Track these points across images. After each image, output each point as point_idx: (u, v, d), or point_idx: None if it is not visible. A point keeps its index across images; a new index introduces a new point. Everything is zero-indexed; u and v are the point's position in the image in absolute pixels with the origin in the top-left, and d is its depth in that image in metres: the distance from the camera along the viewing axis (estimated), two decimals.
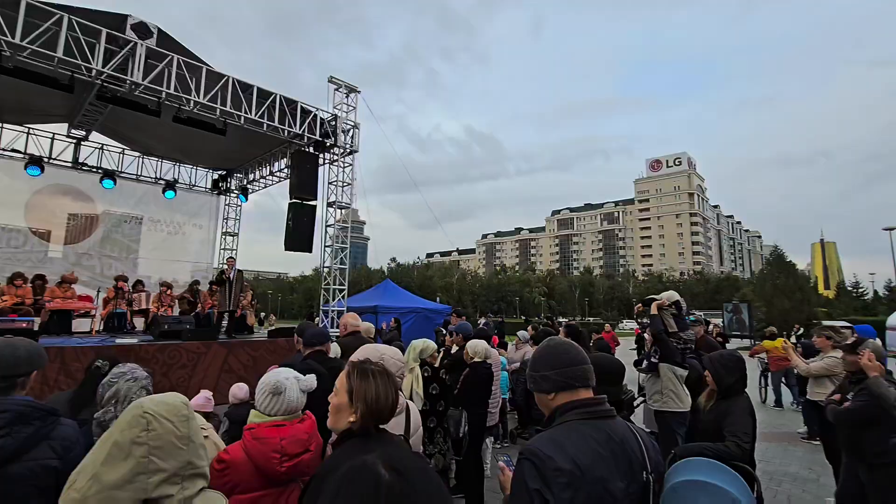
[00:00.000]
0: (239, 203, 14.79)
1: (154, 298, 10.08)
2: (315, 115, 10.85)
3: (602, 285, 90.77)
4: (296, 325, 4.29)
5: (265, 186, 14.08)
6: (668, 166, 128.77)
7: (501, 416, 6.74)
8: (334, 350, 3.90)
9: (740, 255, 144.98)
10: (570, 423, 1.44)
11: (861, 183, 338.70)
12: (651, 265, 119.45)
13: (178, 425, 1.10)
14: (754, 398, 7.44)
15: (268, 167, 13.31)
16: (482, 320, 13.04)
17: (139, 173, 13.21)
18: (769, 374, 9.76)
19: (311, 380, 2.03)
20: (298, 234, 10.65)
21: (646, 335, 5.39)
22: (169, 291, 10.25)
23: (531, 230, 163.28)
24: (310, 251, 10.89)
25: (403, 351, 5.13)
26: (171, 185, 13.28)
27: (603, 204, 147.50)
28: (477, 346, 4.31)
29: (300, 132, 10.44)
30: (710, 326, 9.67)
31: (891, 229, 31.15)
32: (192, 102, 8.77)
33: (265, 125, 9.85)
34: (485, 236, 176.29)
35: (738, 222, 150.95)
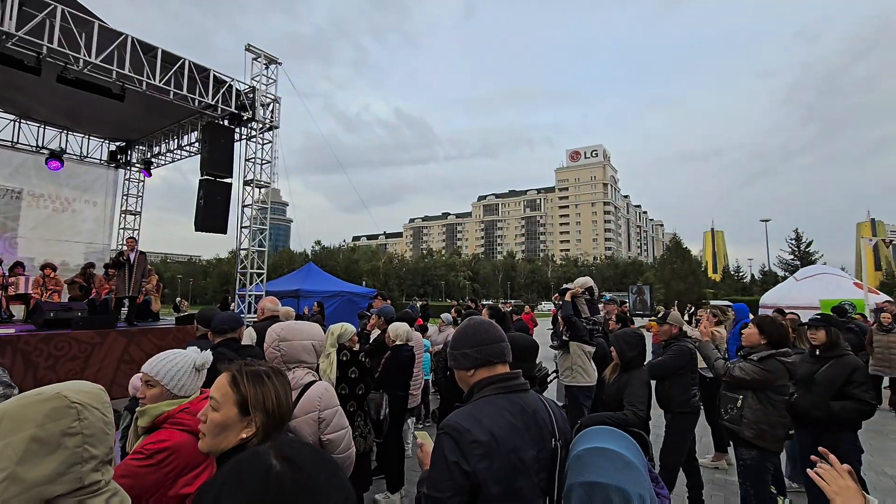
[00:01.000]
0: (141, 178, 13.40)
1: (35, 283, 8.90)
2: (230, 86, 10.06)
3: (524, 269, 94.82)
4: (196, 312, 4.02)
5: (173, 161, 12.88)
6: (585, 157, 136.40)
7: (424, 397, 6.87)
8: (248, 336, 3.72)
9: (645, 242, 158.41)
10: (488, 398, 1.51)
11: (745, 179, 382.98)
12: (568, 250, 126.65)
13: (104, 411, 1.13)
14: None
15: (176, 140, 12.14)
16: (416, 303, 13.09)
17: (15, 140, 11.47)
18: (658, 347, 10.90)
19: (207, 354, 1.92)
20: (211, 214, 9.91)
21: (560, 318, 5.83)
22: (53, 274, 9.09)
23: (458, 215, 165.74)
24: (224, 232, 10.20)
25: None
26: (56, 156, 11.67)
27: (526, 191, 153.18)
28: (398, 329, 4.33)
29: (213, 103, 9.64)
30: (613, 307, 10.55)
31: (766, 221, 35.70)
32: (81, 62, 7.73)
33: (171, 93, 8.96)
34: (412, 220, 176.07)
35: (645, 212, 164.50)
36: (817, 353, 3.72)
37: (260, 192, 11.27)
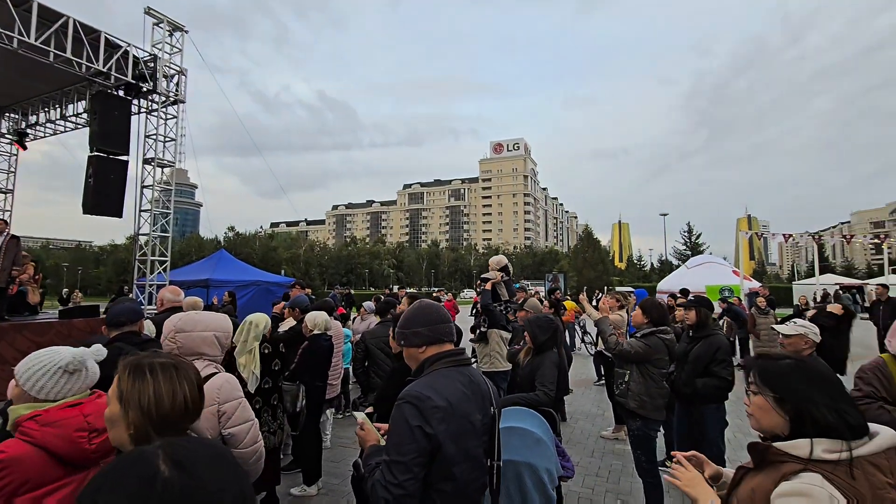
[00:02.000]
0: (14, 151, 11.62)
1: None
2: (127, 52, 9.01)
3: (447, 257, 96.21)
4: (101, 304, 3.59)
5: (55, 133, 11.30)
6: (508, 150, 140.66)
7: (344, 387, 6.78)
8: (147, 329, 3.42)
9: (561, 232, 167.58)
10: (440, 371, 1.70)
11: (649, 176, 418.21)
12: (490, 239, 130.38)
13: None
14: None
15: (59, 109, 10.61)
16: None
17: None
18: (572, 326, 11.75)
19: (99, 347, 1.74)
20: (103, 195, 8.85)
21: (479, 306, 6.03)
22: None
23: (383, 203, 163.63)
24: (119, 215, 9.17)
25: (236, 327, 4.78)
26: None
27: (451, 181, 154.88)
28: (316, 319, 4.22)
29: (104, 69, 8.57)
30: (534, 292, 11.16)
31: (664, 215, 39.34)
32: None
33: (52, 54, 7.83)
34: (335, 207, 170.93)
35: (561, 204, 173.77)
36: (690, 333, 4.10)
37: (163, 172, 10.30)
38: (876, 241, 22.24)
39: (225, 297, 9.68)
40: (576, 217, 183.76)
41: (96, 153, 8.82)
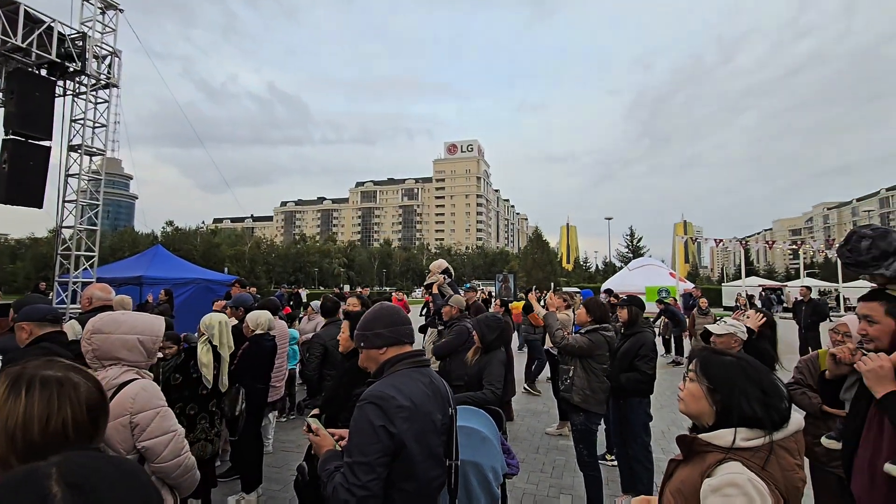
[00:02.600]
0: None
1: None
2: (51, 28, 8.27)
3: (399, 257, 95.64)
4: (12, 301, 3.21)
5: None
6: (462, 151, 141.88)
7: (289, 388, 6.55)
8: (72, 329, 3.14)
9: (512, 234, 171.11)
10: (402, 371, 1.71)
11: (595, 181, 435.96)
12: (443, 239, 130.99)
13: None
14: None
15: None
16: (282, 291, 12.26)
17: None
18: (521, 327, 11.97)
19: None
20: (19, 183, 8.06)
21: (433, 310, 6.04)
22: None
23: (334, 200, 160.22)
24: (39, 206, 8.39)
25: (172, 327, 4.49)
26: None
27: (405, 180, 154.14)
28: (259, 318, 4.04)
29: (23, 45, 7.82)
30: (478, 293, 11.30)
31: (609, 219, 41.08)
32: None
33: None
34: (284, 204, 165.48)
35: (513, 206, 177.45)
36: (622, 330, 4.29)
37: (91, 160, 9.52)
38: (793, 247, 24.43)
39: (161, 295, 9.10)
40: (526, 219, 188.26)
41: (12, 136, 8.03)
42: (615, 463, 4.44)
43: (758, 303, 17.75)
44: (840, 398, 2.37)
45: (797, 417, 1.35)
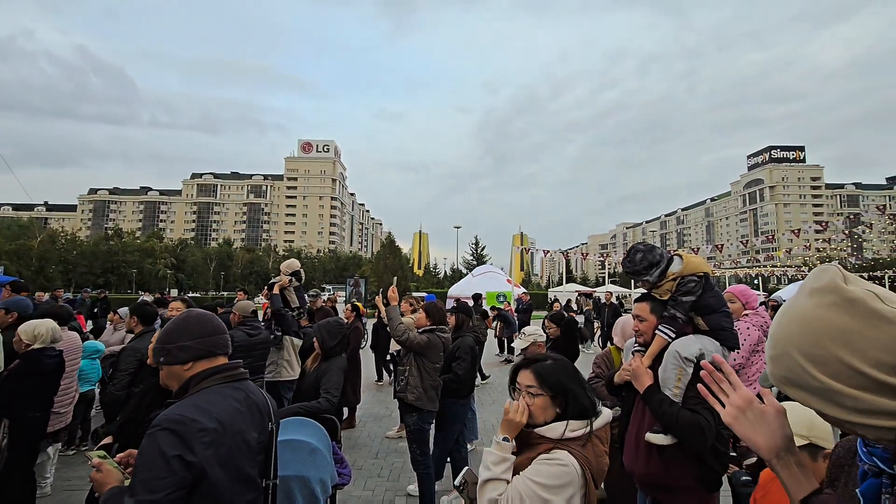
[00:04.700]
0: None
1: None
2: None
3: (242, 258, 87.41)
4: None
5: None
6: (318, 150, 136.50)
7: (85, 413, 5.46)
8: None
9: (366, 238, 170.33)
10: (211, 388, 1.54)
11: (446, 191, 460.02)
12: (293, 241, 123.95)
13: None
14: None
15: None
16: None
17: None
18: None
19: None
20: None
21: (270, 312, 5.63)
22: None
23: (163, 192, 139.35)
24: None
25: None
26: None
27: (252, 175, 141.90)
28: (37, 329, 3.26)
29: None
30: (326, 297, 11.04)
31: (458, 227, 43.75)
32: None
33: None
34: (94, 191, 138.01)
35: (368, 210, 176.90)
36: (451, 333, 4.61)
37: None
38: (601, 258, 29.23)
39: None
40: (381, 224, 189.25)
41: None
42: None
43: (573, 306, 20.67)
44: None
45: (607, 411, 1.68)
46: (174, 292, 54.59)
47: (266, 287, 5.76)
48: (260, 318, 7.73)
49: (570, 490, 1.46)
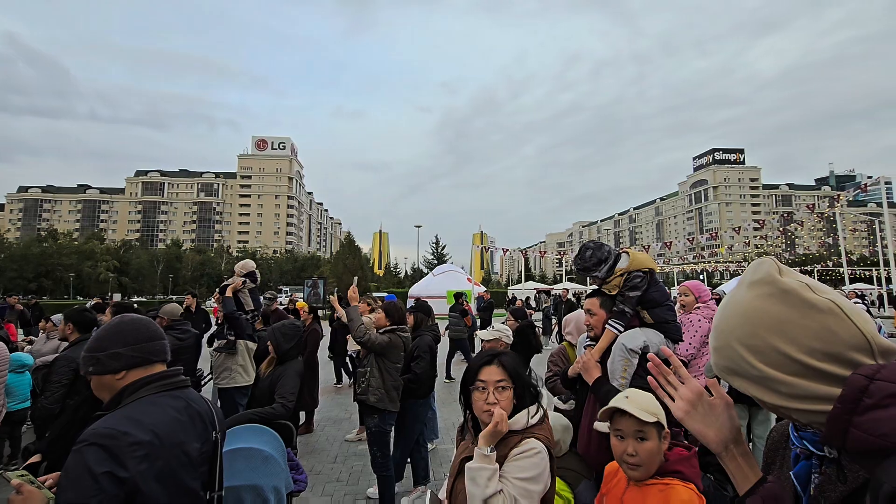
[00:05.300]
0: None
1: None
2: None
3: (192, 260, 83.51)
4: None
5: None
6: (273, 148, 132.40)
7: (14, 430, 5.05)
8: None
9: (324, 238, 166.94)
10: (146, 398, 1.45)
11: (406, 191, 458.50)
12: (247, 242, 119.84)
13: None
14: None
15: None
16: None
17: None
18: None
19: None
20: None
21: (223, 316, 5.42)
22: None
23: (104, 190, 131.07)
24: None
25: None
26: None
27: (202, 173, 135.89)
28: None
29: None
30: (286, 299, 10.76)
31: (419, 227, 43.64)
32: None
33: None
34: (24, 189, 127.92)
35: (326, 209, 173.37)
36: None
37: None
38: (558, 256, 29.93)
39: None
40: (340, 224, 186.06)
41: None
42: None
43: (532, 303, 21.06)
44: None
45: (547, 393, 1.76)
46: (117, 297, 51.46)
47: (217, 290, 5.52)
48: (213, 323, 7.45)
49: (546, 473, 1.56)
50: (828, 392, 0.69)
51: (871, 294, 28.92)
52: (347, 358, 8.38)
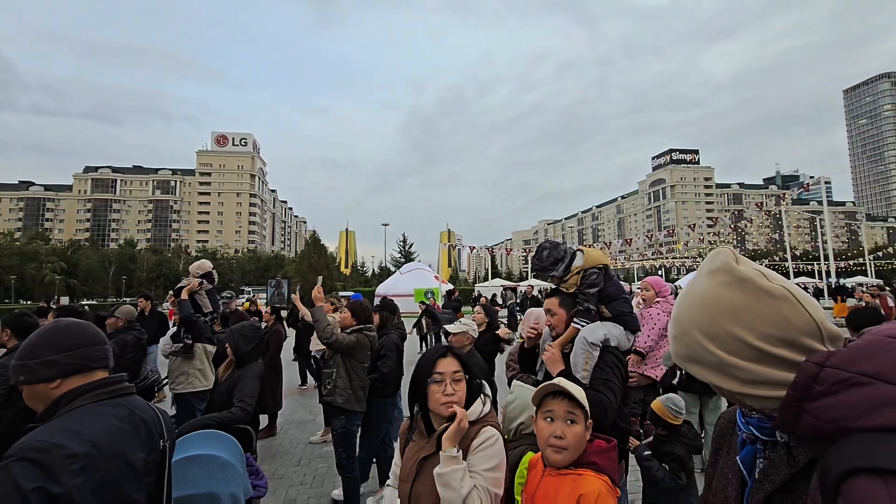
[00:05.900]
0: None
1: None
2: None
3: (147, 260, 79.89)
4: None
5: None
6: (234, 144, 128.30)
7: None
8: None
9: (289, 237, 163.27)
10: (84, 407, 1.36)
11: (373, 188, 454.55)
12: (207, 241, 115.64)
13: None
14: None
15: None
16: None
17: None
18: None
19: None
20: None
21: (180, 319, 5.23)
22: None
23: (49, 188, 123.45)
24: None
25: None
26: None
27: (158, 170, 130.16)
28: None
29: None
30: (245, 300, 10.44)
31: (386, 225, 43.27)
32: None
33: None
34: None
35: (290, 208, 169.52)
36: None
37: None
38: (524, 254, 30.37)
39: None
40: (305, 222, 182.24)
41: None
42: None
43: (499, 299, 21.30)
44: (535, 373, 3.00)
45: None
46: (65, 300, 48.59)
47: (172, 292, 5.30)
48: (170, 326, 7.11)
49: (504, 456, 1.65)
50: (783, 377, 0.71)
51: (811, 287, 30.84)
52: (312, 359, 8.21)
